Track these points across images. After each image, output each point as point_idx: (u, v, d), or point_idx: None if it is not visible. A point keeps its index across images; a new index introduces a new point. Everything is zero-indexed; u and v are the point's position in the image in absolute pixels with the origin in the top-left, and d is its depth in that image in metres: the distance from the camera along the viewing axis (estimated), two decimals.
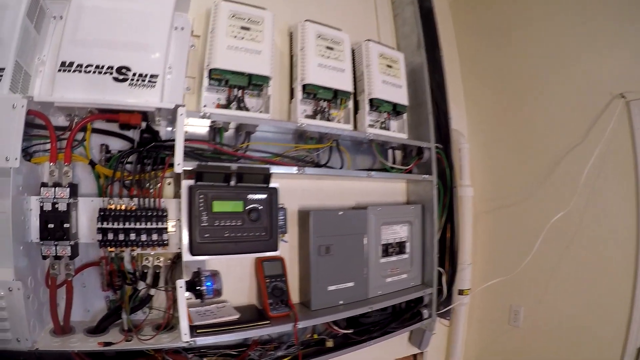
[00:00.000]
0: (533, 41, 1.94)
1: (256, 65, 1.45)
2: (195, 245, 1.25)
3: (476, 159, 2.06)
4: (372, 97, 1.63)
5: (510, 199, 1.97)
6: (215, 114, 1.36)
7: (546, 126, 1.88)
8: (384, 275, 1.68)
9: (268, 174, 1.32)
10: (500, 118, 2.07)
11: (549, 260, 1.82)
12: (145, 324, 1.37)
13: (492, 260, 2.04)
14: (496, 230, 2.05)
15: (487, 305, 2.05)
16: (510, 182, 1.99)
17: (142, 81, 1.32)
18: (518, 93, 2.00)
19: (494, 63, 2.10)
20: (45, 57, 1.32)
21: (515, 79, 2.00)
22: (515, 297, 1.95)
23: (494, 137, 2.09)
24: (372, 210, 1.64)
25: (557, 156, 1.81)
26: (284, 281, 1.47)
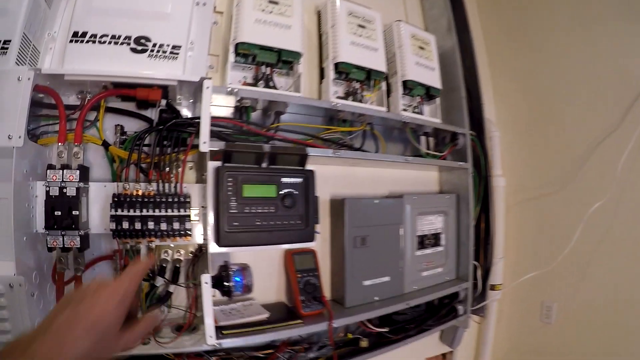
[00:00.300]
0: (565, 25, 1.76)
1: (286, 40, 1.26)
2: (223, 235, 1.05)
3: (506, 147, 1.87)
4: (406, 79, 1.45)
5: (543, 190, 1.78)
6: (244, 90, 1.17)
7: (579, 113, 1.69)
8: (420, 269, 1.48)
9: (304, 155, 1.13)
10: (530, 105, 1.87)
11: (583, 254, 1.62)
12: (164, 325, 1.16)
13: (524, 254, 1.84)
14: (529, 223, 1.84)
15: (518, 300, 1.84)
16: (543, 172, 1.79)
17: (163, 52, 1.13)
18: (549, 78, 1.80)
19: (522, 48, 1.90)
20: (57, 33, 1.12)
21: (546, 63, 1.81)
22: (547, 293, 1.75)
23: (524, 125, 1.88)
24: (409, 199, 1.44)
25: (593, 143, 1.63)
26: (317, 276, 1.27)
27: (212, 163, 1.07)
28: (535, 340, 1.79)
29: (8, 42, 1.00)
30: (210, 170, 1.07)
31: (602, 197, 1.54)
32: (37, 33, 1.07)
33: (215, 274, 1.12)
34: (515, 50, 1.95)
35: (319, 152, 1.19)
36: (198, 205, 1.14)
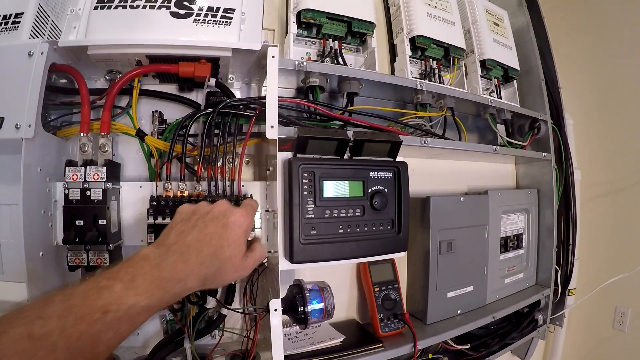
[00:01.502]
0: None
1: (357, 7, 0.86)
2: (298, 248, 0.65)
3: (579, 137, 1.43)
4: (485, 58, 1.03)
5: (620, 184, 1.34)
6: (316, 65, 0.76)
7: None
8: (502, 275, 1.07)
9: (397, 142, 0.72)
10: (602, 89, 1.41)
11: None
12: (216, 354, 0.78)
13: (598, 255, 1.39)
14: (602, 220, 1.39)
15: (589, 306, 1.37)
16: (618, 163, 1.34)
17: (213, 17, 0.73)
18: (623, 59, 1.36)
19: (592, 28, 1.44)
20: (82, 10, 0.73)
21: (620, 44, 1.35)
22: (622, 297, 1.33)
23: (596, 112, 1.42)
24: (493, 195, 1.03)
25: None
26: (397, 289, 0.87)
27: (282, 154, 0.67)
28: (608, 349, 1.35)
29: (20, 14, 0.67)
30: (280, 163, 0.67)
31: None
32: (58, 7, 0.73)
33: (287, 296, 0.72)
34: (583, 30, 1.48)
35: (408, 141, 0.78)
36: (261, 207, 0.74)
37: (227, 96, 0.78)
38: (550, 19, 1.32)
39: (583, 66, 1.48)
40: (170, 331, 0.80)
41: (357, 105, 0.86)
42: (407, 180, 0.72)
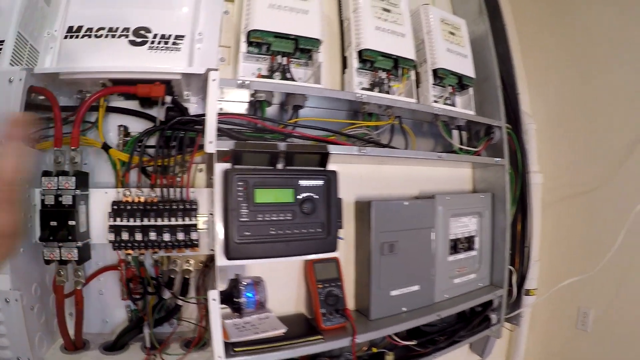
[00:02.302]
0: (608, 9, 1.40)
1: (304, 26, 1.01)
2: (233, 247, 0.81)
3: (541, 141, 1.52)
4: (437, 67, 1.15)
5: (582, 188, 1.45)
6: (257, 82, 0.92)
7: (623, 103, 1.35)
8: (452, 276, 1.21)
9: (326, 153, 0.86)
10: (568, 95, 1.52)
11: (624, 257, 1.30)
12: (172, 340, 0.95)
13: (561, 257, 1.51)
14: (565, 222, 1.51)
15: (552, 306, 1.53)
16: (581, 167, 1.46)
17: (165, 43, 0.91)
18: (588, 65, 1.46)
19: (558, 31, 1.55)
20: (57, 31, 0.91)
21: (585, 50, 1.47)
22: (584, 298, 1.44)
23: (561, 117, 1.54)
24: (441, 199, 1.16)
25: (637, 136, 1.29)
26: (340, 286, 1.02)
27: (221, 165, 0.83)
28: (570, 349, 1.48)
29: (2, 42, 0.83)
30: (217, 173, 0.81)
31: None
32: (35, 32, 0.89)
33: (225, 289, 0.87)
34: (550, 37, 1.61)
35: (342, 150, 0.93)
36: (207, 212, 0.89)
37: (181, 112, 0.93)
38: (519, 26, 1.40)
39: (550, 73, 1.60)
40: (134, 319, 0.95)
41: (306, 117, 0.99)
42: (337, 187, 0.86)
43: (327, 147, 0.86)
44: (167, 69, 0.86)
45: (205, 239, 0.90)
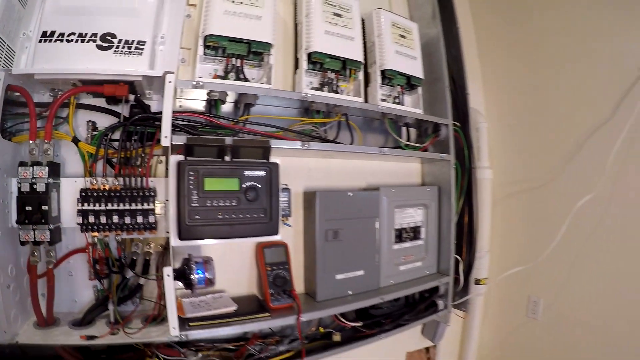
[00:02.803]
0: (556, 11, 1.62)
1: (256, 31, 1.20)
2: (184, 229, 1.01)
3: (495, 139, 1.74)
4: (385, 69, 1.36)
5: (532, 182, 1.67)
6: (209, 84, 1.11)
7: (570, 103, 1.58)
8: (397, 263, 1.42)
9: (267, 147, 1.06)
10: (520, 95, 1.76)
11: (571, 248, 1.53)
12: (134, 316, 1.15)
13: (511, 248, 1.74)
14: (516, 216, 1.74)
15: (504, 295, 1.76)
16: (532, 163, 1.69)
17: (128, 48, 1.10)
18: (540, 68, 1.69)
19: (513, 36, 1.79)
20: (32, 32, 1.11)
21: (537, 53, 1.69)
22: (534, 288, 1.66)
23: (513, 116, 1.77)
24: (385, 191, 1.37)
25: (583, 135, 1.52)
26: (288, 269, 1.22)
27: (175, 157, 1.03)
28: (522, 336, 1.71)
29: None
30: (172, 164, 1.02)
31: (591, 190, 1.42)
32: (12, 34, 1.07)
33: (179, 267, 1.07)
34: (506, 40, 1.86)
35: (286, 145, 1.13)
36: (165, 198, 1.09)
37: (143, 109, 1.13)
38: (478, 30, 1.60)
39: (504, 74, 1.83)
40: (100, 298, 1.15)
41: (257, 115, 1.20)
42: (278, 178, 1.07)
43: (269, 142, 1.06)
44: (129, 72, 1.05)
45: (163, 224, 1.10)
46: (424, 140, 1.46)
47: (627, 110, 1.40)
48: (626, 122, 1.39)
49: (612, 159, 1.39)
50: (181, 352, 1.14)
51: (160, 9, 1.15)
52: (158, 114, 1.09)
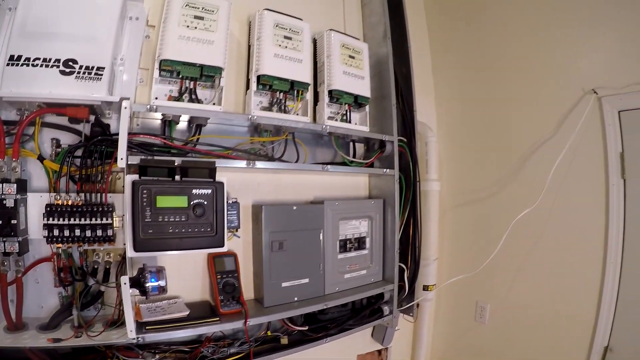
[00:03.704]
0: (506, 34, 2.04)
1: (208, 55, 1.49)
2: (139, 242, 1.31)
3: (444, 152, 2.11)
4: (332, 89, 1.67)
5: (478, 194, 2.04)
6: (162, 107, 1.40)
7: (517, 120, 1.96)
8: (342, 271, 1.76)
9: (213, 168, 1.36)
10: (470, 111, 2.15)
11: (515, 257, 1.91)
12: (96, 320, 1.45)
13: (459, 256, 2.13)
14: (463, 226, 2.12)
15: (453, 301, 2.16)
16: (479, 177, 2.07)
17: (89, 74, 1.36)
18: (489, 86, 2.09)
19: (465, 55, 2.19)
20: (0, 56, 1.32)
21: (487, 72, 2.09)
22: (481, 294, 2.05)
23: (463, 131, 2.16)
24: (329, 205, 1.70)
25: (527, 151, 1.88)
26: (236, 277, 1.53)
27: (130, 176, 1.32)
28: (471, 339, 2.06)
29: None
30: (127, 183, 1.30)
31: (533, 202, 1.74)
32: None
33: (134, 275, 1.37)
34: (457, 58, 2.26)
35: (232, 164, 1.43)
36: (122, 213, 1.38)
37: (102, 128, 1.43)
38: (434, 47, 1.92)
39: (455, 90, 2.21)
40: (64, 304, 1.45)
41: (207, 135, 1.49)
42: (223, 195, 1.38)
43: (214, 163, 1.37)
44: (88, 97, 1.34)
45: (121, 235, 1.40)
46: (371, 155, 1.78)
47: (570, 127, 1.74)
48: (568, 139, 1.71)
49: (552, 173, 1.71)
50: (140, 354, 1.43)
51: (120, 32, 1.43)
52: (116, 135, 1.39)
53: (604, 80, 1.73)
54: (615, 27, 1.75)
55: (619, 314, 1.73)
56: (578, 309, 1.77)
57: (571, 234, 1.77)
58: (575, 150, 1.72)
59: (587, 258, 1.76)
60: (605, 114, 1.74)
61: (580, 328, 1.76)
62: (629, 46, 1.70)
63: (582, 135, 1.75)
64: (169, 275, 1.44)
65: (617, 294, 1.74)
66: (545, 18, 1.90)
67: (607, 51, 1.77)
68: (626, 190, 1.75)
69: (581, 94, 1.75)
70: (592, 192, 1.76)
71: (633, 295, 1.71)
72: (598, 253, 1.73)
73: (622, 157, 1.74)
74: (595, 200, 1.75)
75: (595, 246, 1.74)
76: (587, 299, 1.75)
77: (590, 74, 1.78)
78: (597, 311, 1.72)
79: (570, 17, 1.83)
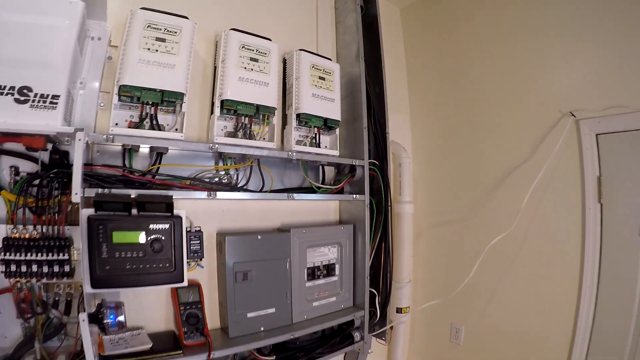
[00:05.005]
0: (481, 54, 2.00)
1: (169, 80, 1.44)
2: (96, 279, 1.27)
3: (419, 174, 2.09)
4: (300, 112, 1.62)
5: (453, 216, 2.02)
6: (120, 136, 1.35)
7: (493, 142, 1.94)
8: (310, 299, 1.72)
9: (170, 203, 1.31)
10: (445, 132, 2.12)
11: (489, 280, 1.91)
12: (60, 352, 1.41)
13: (433, 278, 2.12)
14: (437, 248, 2.11)
15: (428, 323, 2.16)
16: (454, 199, 2.06)
17: (44, 102, 1.32)
18: (465, 107, 2.06)
19: (440, 75, 2.16)
20: None
21: (462, 93, 2.06)
22: (456, 316, 2.04)
23: (438, 152, 2.14)
24: (296, 233, 1.67)
25: (503, 173, 1.85)
26: (200, 308, 1.50)
27: (86, 211, 1.28)
28: None
29: None
30: (82, 218, 1.26)
31: (508, 226, 1.73)
32: None
33: (93, 311, 1.34)
34: (434, 78, 2.25)
35: (192, 195, 1.39)
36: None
37: (60, 158, 1.38)
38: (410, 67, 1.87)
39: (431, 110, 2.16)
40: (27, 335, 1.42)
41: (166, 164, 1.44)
42: (181, 230, 1.33)
43: (171, 197, 1.33)
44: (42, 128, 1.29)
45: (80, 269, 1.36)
46: (341, 179, 1.73)
47: (546, 150, 1.70)
48: (544, 162, 1.67)
49: (528, 197, 1.68)
50: None
51: (79, 54, 1.38)
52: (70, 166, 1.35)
53: (582, 102, 1.70)
54: (593, 49, 1.71)
55: (595, 339, 1.71)
56: (553, 333, 1.76)
57: (546, 258, 1.75)
58: (551, 173, 1.69)
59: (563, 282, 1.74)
60: (583, 137, 1.71)
61: (555, 353, 1.74)
62: (607, 68, 1.67)
63: (559, 159, 1.72)
64: (132, 305, 1.42)
65: (592, 319, 1.72)
66: (522, 38, 1.87)
67: (584, 73, 1.73)
68: (603, 214, 1.71)
69: (559, 116, 1.71)
70: (568, 216, 1.74)
71: (609, 321, 1.69)
72: (574, 277, 1.71)
73: (599, 181, 1.71)
74: (571, 224, 1.72)
75: (571, 270, 1.72)
76: (562, 323, 1.73)
77: (568, 95, 1.74)
78: (572, 336, 1.71)
79: (548, 38, 1.79)
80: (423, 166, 2.13)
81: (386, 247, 1.85)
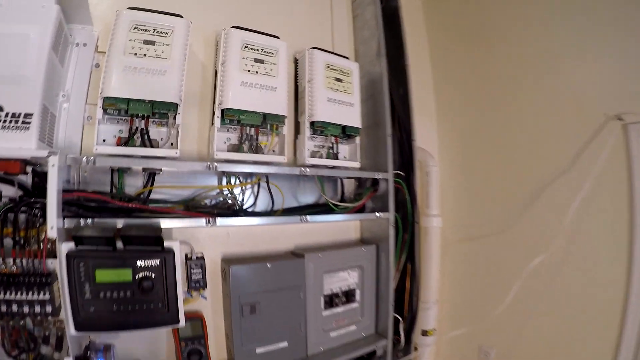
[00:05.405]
0: (517, 50, 1.65)
1: (160, 90, 1.19)
2: (78, 321, 1.05)
3: (447, 181, 1.70)
4: (314, 120, 1.31)
5: (485, 230, 1.66)
6: (102, 157, 1.07)
7: (528, 148, 1.59)
8: (328, 329, 1.47)
9: (159, 237, 1.04)
10: (477, 137, 1.78)
11: (525, 301, 1.58)
12: None
13: (461, 298, 1.79)
14: (466, 265, 1.81)
15: (454, 345, 1.84)
16: (486, 211, 1.73)
17: (16, 122, 1.10)
18: (498, 109, 1.71)
19: (471, 73, 1.82)
20: None
21: (496, 93, 1.72)
22: (485, 338, 1.74)
23: (469, 159, 1.79)
24: (312, 258, 1.40)
25: (541, 184, 1.49)
26: (204, 344, 1.26)
27: (66, 245, 1.04)
28: None
29: None
30: (61, 254, 1.02)
31: (547, 245, 1.39)
32: None
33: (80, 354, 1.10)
34: (464, 80, 1.87)
35: (187, 223, 1.13)
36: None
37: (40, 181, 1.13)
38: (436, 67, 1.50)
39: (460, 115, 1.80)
40: None
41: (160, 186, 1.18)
42: (174, 266, 1.09)
43: (160, 230, 1.06)
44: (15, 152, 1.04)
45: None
46: (362, 193, 1.42)
47: (590, 158, 1.36)
48: (587, 173, 1.32)
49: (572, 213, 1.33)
50: None
51: (57, 65, 1.14)
52: None
53: (630, 103, 1.33)
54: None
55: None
56: None
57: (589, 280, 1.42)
58: (594, 186, 1.33)
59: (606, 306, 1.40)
60: (631, 143, 1.34)
61: None
62: None
63: (603, 168, 1.37)
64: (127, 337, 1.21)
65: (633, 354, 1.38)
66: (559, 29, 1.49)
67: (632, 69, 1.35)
68: None
69: (603, 119, 1.36)
70: (613, 235, 1.39)
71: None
72: (617, 302, 1.37)
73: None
74: (617, 244, 1.38)
75: (615, 294, 1.39)
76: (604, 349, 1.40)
77: (613, 96, 1.37)
78: None
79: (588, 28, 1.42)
80: (451, 175, 1.80)
81: (412, 268, 1.58)
